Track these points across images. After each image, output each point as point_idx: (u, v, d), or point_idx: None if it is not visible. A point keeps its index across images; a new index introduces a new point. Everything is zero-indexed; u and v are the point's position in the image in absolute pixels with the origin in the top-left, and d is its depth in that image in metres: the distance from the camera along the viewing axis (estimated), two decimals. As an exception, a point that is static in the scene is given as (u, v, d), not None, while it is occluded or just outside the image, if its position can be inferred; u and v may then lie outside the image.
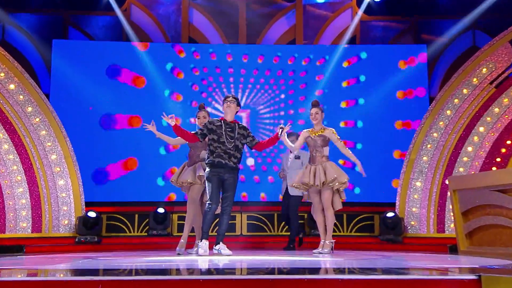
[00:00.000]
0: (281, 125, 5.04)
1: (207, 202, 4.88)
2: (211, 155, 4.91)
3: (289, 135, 6.13)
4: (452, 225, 6.83)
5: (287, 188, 6.37)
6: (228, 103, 5.01)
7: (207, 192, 4.93)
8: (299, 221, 6.78)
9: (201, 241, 4.84)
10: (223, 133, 4.91)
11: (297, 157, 6.36)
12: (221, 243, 4.84)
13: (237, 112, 5.07)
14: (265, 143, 5.13)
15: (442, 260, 4.39)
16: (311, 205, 5.50)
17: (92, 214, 7.01)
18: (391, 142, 8.27)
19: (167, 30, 8.90)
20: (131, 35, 8.47)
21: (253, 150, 5.53)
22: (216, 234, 4.96)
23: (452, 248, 6.05)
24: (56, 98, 8.02)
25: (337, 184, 5.22)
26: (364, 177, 5.36)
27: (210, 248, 4.86)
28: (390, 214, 7.19)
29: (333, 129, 5.41)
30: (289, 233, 6.64)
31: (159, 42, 8.74)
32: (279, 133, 4.98)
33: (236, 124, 5.03)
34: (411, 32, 8.92)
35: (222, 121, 5.00)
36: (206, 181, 4.94)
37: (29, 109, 7.05)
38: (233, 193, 4.92)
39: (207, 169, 4.92)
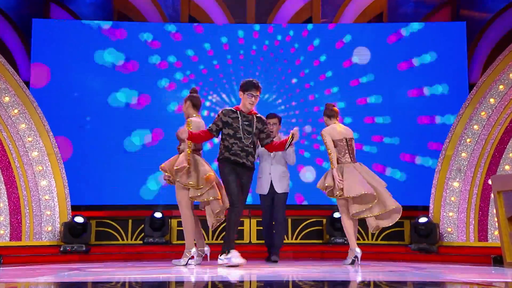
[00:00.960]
0: (295, 130, 4.91)
1: (230, 206, 4.85)
2: (226, 151, 4.88)
3: (269, 117, 5.89)
4: (496, 233, 6.75)
5: (271, 184, 5.95)
6: (253, 98, 4.90)
7: (227, 192, 4.87)
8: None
9: (228, 252, 4.81)
10: (240, 127, 4.86)
11: None
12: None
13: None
14: (277, 146, 5.11)
15: (484, 273, 4.33)
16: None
17: (79, 219, 7.03)
18: (425, 136, 8.23)
19: (164, 8, 8.89)
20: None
21: (262, 149, 5.52)
22: (221, 241, 4.97)
23: (496, 259, 5.98)
24: (37, 86, 8.05)
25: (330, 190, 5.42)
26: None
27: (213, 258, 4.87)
28: (423, 220, 7.12)
29: (324, 129, 5.52)
30: (304, 241, 6.59)
31: (155, 22, 8.72)
32: (288, 142, 4.91)
33: (254, 116, 4.97)
34: (448, 7, 8.79)
35: (238, 112, 4.94)
36: (222, 180, 4.91)
37: (6, 99, 7.07)
38: (246, 197, 5.00)
39: (223, 166, 4.86)
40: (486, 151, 7.14)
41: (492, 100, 7.22)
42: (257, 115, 5.03)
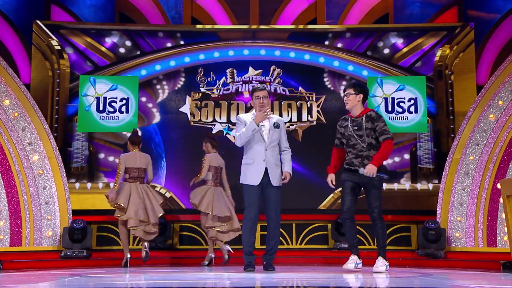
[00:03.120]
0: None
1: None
2: (344, 160, 5.07)
3: (256, 89, 5.23)
4: (505, 238, 6.72)
5: (266, 172, 5.09)
6: (345, 98, 5.04)
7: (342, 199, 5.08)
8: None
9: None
10: (351, 133, 4.96)
11: (277, 126, 5.20)
12: (381, 258, 4.98)
13: (360, 100, 5.00)
14: (382, 151, 4.91)
15: (494, 279, 4.32)
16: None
17: (80, 224, 7.03)
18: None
19: (166, 9, 8.91)
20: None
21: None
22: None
23: (506, 265, 5.96)
24: (37, 89, 8.08)
25: None
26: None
27: None
28: (431, 224, 7.09)
29: (207, 155, 6.75)
30: (309, 246, 6.53)
31: (157, 24, 8.75)
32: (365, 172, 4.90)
33: (363, 116, 4.96)
34: (455, 8, 8.78)
35: (348, 119, 5.04)
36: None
37: (7, 102, 7.10)
38: (374, 200, 4.95)
39: (342, 175, 5.05)
40: (495, 154, 7.11)
41: (500, 102, 7.20)
42: (367, 114, 4.96)
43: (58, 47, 8.24)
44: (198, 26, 8.70)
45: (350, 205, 4.97)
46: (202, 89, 8.33)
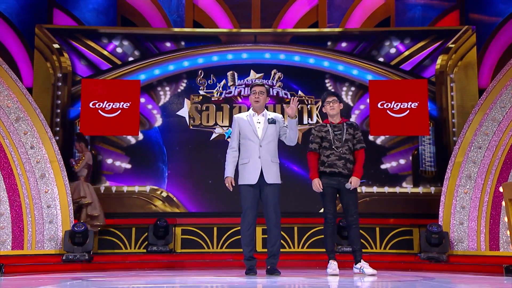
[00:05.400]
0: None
1: (324, 219, 5.16)
2: (321, 166, 5.19)
3: (254, 84, 5.17)
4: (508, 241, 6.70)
5: (261, 172, 4.90)
6: (331, 104, 5.21)
7: (322, 205, 5.22)
8: None
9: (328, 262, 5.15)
10: (333, 138, 5.16)
11: (272, 121, 5.05)
12: (362, 260, 5.12)
13: (341, 108, 5.28)
14: (359, 160, 5.21)
15: (496, 283, 4.30)
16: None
17: (81, 227, 7.03)
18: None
19: (168, 13, 8.93)
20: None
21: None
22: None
23: (508, 269, 5.92)
24: (40, 93, 8.09)
25: None
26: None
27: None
28: (434, 228, 7.07)
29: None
30: (311, 249, 6.51)
31: (159, 27, 8.77)
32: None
33: (344, 124, 5.25)
34: (456, 11, 8.78)
35: (328, 125, 5.25)
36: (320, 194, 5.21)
37: (9, 105, 7.11)
38: (353, 205, 5.18)
39: (320, 180, 5.15)
40: (497, 157, 7.10)
41: (502, 105, 7.18)
42: (348, 122, 5.28)
43: (60, 51, 8.26)
44: (203, 30, 8.71)
45: (335, 211, 5.18)
46: (202, 92, 8.33)
